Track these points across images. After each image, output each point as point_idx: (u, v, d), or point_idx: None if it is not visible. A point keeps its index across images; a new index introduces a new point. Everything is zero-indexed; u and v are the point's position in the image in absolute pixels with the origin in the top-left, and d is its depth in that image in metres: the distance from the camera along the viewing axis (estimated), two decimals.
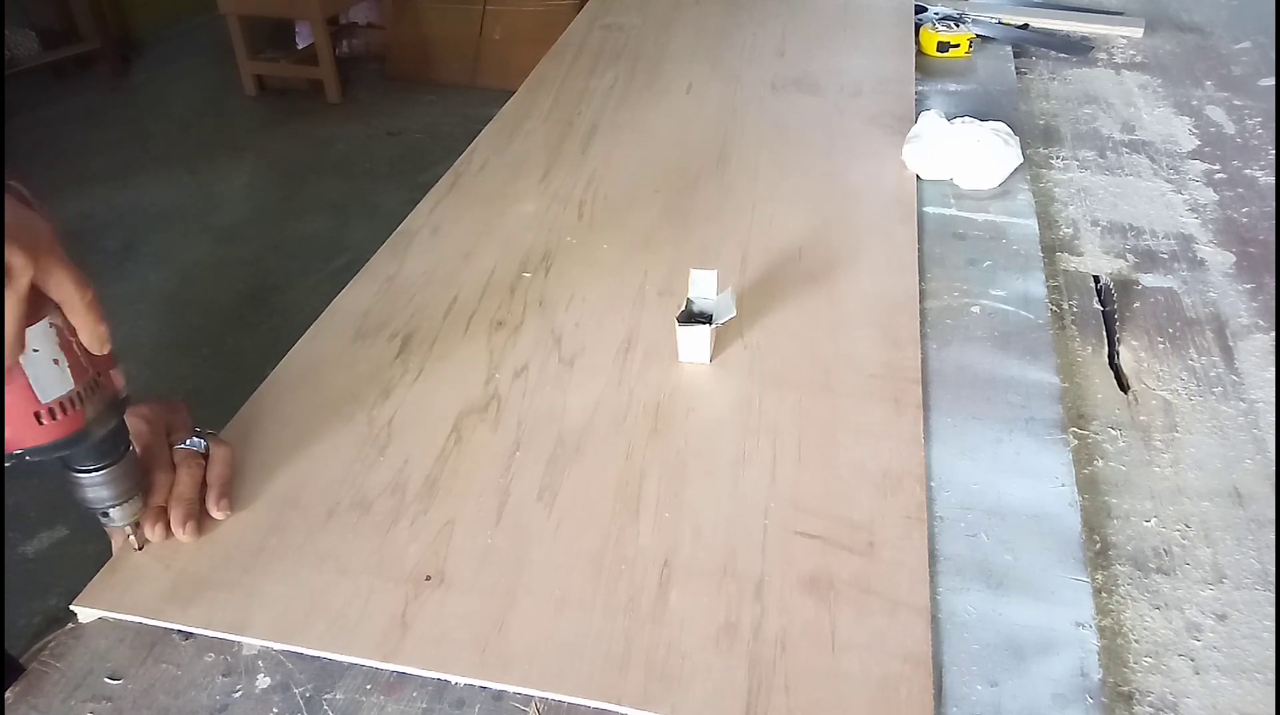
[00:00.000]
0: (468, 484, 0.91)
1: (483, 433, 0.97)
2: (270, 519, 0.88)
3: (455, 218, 1.36)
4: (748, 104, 1.69)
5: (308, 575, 0.82)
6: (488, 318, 1.14)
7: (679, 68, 1.85)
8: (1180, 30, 2.11)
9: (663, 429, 0.97)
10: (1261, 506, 0.93)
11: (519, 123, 1.63)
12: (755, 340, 1.09)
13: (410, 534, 0.86)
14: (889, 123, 1.58)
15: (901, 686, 0.73)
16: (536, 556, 0.84)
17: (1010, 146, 1.40)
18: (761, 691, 0.72)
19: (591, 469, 0.93)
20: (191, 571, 0.83)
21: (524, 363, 1.07)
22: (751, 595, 0.80)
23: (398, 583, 0.81)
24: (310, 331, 1.13)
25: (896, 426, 0.97)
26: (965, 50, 1.88)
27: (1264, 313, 1.20)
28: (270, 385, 1.05)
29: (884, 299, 1.15)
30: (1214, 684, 0.77)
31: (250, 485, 0.92)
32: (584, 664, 0.75)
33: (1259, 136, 1.63)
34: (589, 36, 2.01)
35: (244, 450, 0.95)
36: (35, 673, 0.76)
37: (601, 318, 1.14)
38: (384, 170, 4.45)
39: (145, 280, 3.59)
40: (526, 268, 1.23)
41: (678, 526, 0.86)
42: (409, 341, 1.10)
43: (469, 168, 1.49)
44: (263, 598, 0.81)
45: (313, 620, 0.78)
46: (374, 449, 0.96)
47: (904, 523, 0.86)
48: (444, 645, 0.76)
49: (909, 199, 1.36)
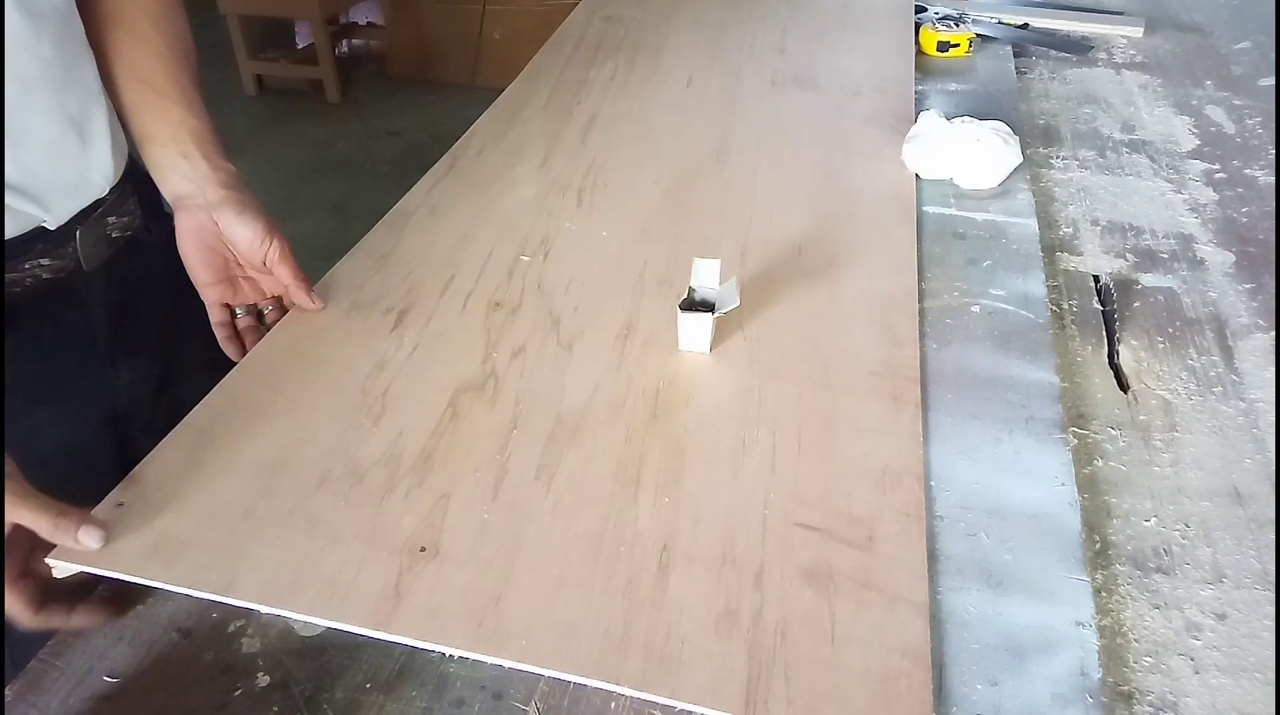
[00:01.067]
0: (464, 459, 0.90)
1: (480, 409, 0.96)
2: (259, 483, 0.87)
3: (453, 199, 1.35)
4: (748, 99, 1.68)
5: (297, 540, 0.81)
6: (485, 298, 1.13)
7: (679, 61, 1.84)
8: (1180, 30, 2.12)
9: (662, 415, 0.96)
10: (1261, 506, 0.93)
11: (517, 110, 1.62)
12: (755, 333, 1.08)
13: (404, 505, 0.85)
14: (889, 122, 1.57)
15: (901, 680, 0.72)
16: (534, 534, 0.83)
17: (1010, 146, 1.40)
18: (762, 679, 0.72)
19: (590, 451, 0.92)
20: (175, 532, 0.82)
21: (522, 343, 1.06)
22: (751, 584, 0.79)
23: (391, 553, 0.80)
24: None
25: (895, 424, 0.96)
26: (965, 50, 1.88)
27: (1264, 312, 1.20)
28: (259, 353, 1.04)
29: (883, 297, 1.15)
30: (1214, 683, 0.77)
31: (238, 449, 0.91)
32: (582, 643, 0.74)
33: (1259, 136, 1.64)
34: (588, 28, 2.01)
35: (232, 413, 0.95)
36: (35, 671, 0.76)
37: (600, 303, 1.13)
38: (384, 170, 4.45)
39: None
40: (525, 251, 1.22)
41: (677, 512, 0.85)
42: (404, 316, 1.09)
43: (466, 151, 1.49)
44: (250, 561, 0.79)
45: (302, 586, 0.77)
46: (368, 419, 0.95)
47: (903, 520, 0.86)
48: (439, 617, 0.75)
49: (908, 199, 1.36)
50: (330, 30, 5.13)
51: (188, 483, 0.87)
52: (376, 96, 5.26)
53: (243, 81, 5.21)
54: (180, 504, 0.84)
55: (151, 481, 0.87)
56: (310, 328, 1.08)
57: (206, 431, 0.93)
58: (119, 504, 0.84)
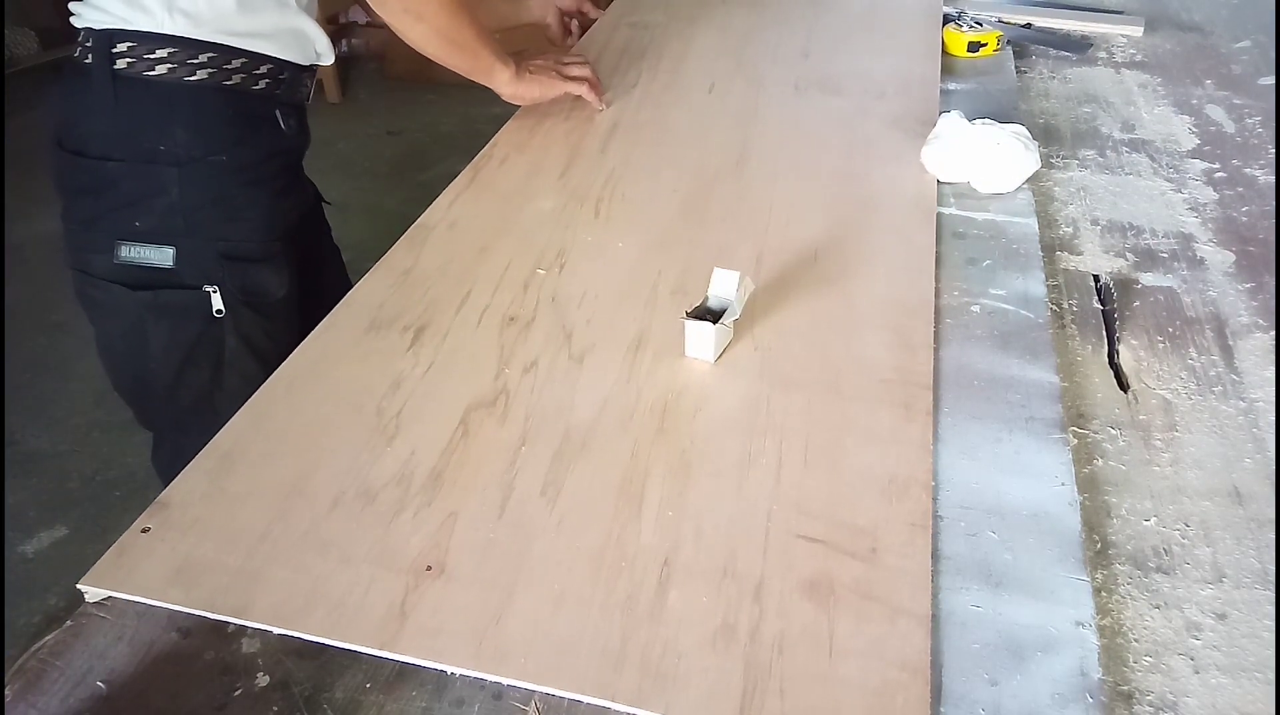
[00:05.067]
0: (472, 477, 0.92)
1: (490, 426, 0.98)
2: (276, 506, 0.89)
3: (473, 213, 1.36)
4: (770, 105, 1.69)
5: (310, 562, 0.83)
6: (500, 312, 1.15)
7: (702, 67, 1.85)
8: (1180, 29, 2.11)
9: (669, 428, 0.98)
10: (1261, 506, 0.93)
11: (540, 119, 1.64)
12: (766, 342, 1.09)
13: (413, 525, 0.87)
14: (911, 125, 1.57)
15: (899, 694, 0.73)
16: (537, 551, 0.84)
17: (1030, 151, 1.39)
18: (756, 694, 0.73)
19: (596, 466, 0.93)
20: (197, 555, 0.84)
21: (534, 358, 1.07)
22: (751, 597, 0.80)
23: (398, 573, 0.82)
24: (325, 321, 1.14)
25: (905, 432, 0.97)
26: (994, 48, 1.89)
27: (1264, 312, 1.20)
28: (282, 374, 1.06)
29: (899, 303, 1.15)
30: (1213, 683, 0.77)
31: (258, 472, 0.93)
32: (580, 660, 0.75)
33: (1259, 135, 1.64)
34: (614, 34, 2.02)
35: (254, 436, 0.97)
36: (34, 671, 0.77)
37: (613, 315, 1.14)
38: (384, 170, 4.46)
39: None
40: (541, 264, 1.24)
41: (679, 526, 0.87)
42: (421, 334, 1.11)
43: (489, 162, 1.50)
44: (265, 583, 0.82)
45: (313, 607, 0.79)
46: (382, 439, 0.97)
47: (908, 530, 0.86)
48: (441, 636, 0.77)
49: (928, 203, 1.36)
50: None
51: (210, 507, 0.89)
52: (376, 96, 5.27)
53: None
54: (203, 528, 0.87)
55: (177, 506, 0.89)
56: (331, 348, 1.10)
57: (229, 455, 0.95)
58: (145, 529, 0.87)
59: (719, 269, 1.09)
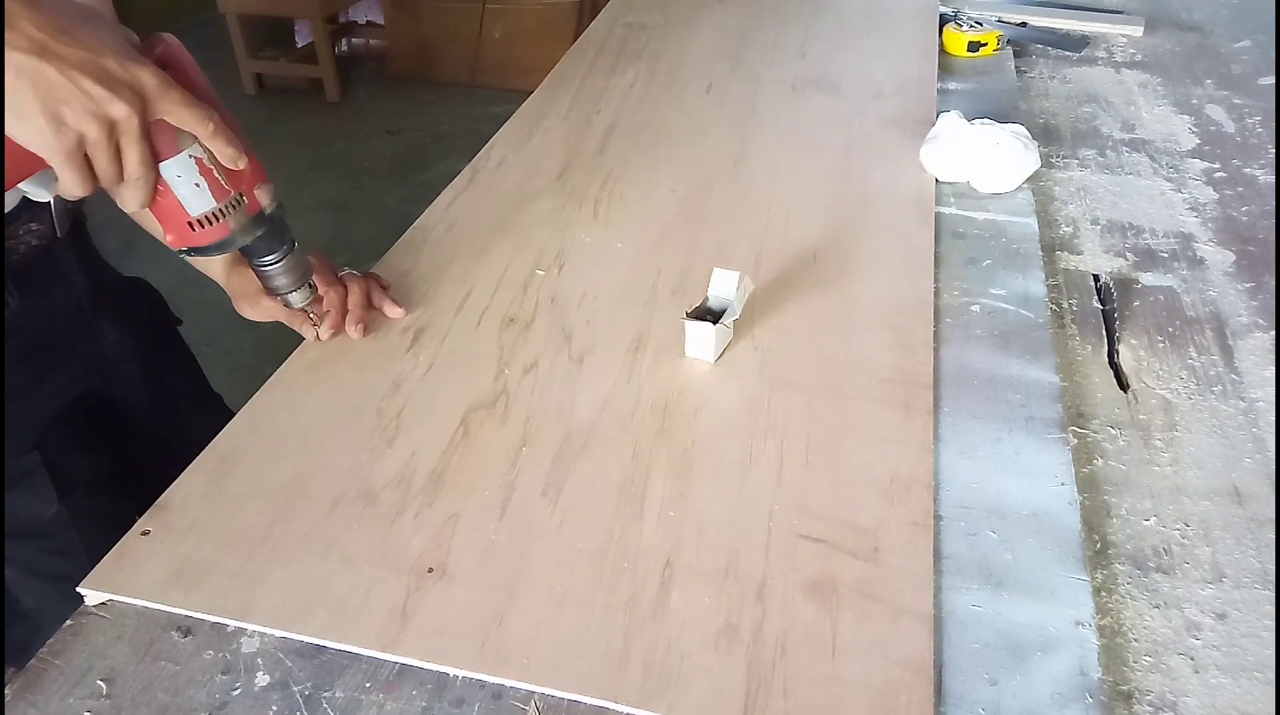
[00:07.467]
0: (473, 478, 0.92)
1: (490, 427, 0.98)
2: (277, 508, 0.89)
3: (472, 214, 1.36)
4: (767, 105, 1.69)
5: (311, 564, 0.84)
6: (499, 313, 1.15)
7: (700, 67, 1.85)
8: (1180, 29, 2.11)
9: (670, 428, 0.98)
10: (1261, 505, 0.93)
11: (538, 120, 1.64)
12: (766, 342, 1.10)
13: (414, 526, 0.87)
14: (909, 125, 1.58)
15: (901, 694, 0.73)
16: (539, 552, 0.84)
17: (1030, 151, 1.40)
18: (760, 694, 0.73)
19: (597, 466, 0.93)
20: (197, 557, 0.84)
21: (534, 359, 1.07)
22: (753, 597, 0.80)
23: (400, 574, 0.82)
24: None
25: (906, 432, 0.97)
26: (994, 48, 1.89)
27: (1264, 312, 1.20)
28: (282, 375, 1.06)
29: (898, 302, 1.15)
30: (1213, 683, 0.77)
31: (259, 474, 0.93)
32: (582, 660, 0.75)
33: (1259, 135, 1.64)
34: (610, 34, 2.02)
35: (254, 438, 0.97)
36: (35, 671, 0.77)
37: (613, 316, 1.14)
38: (384, 169, 4.46)
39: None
40: (540, 265, 1.24)
41: (681, 526, 0.87)
42: (421, 335, 1.12)
43: (487, 164, 1.50)
44: (265, 585, 0.82)
45: (314, 609, 0.79)
46: (382, 441, 0.97)
47: (910, 529, 0.86)
48: (443, 637, 0.77)
49: (927, 202, 1.36)
50: (330, 29, 5.13)
51: (210, 509, 0.89)
52: (376, 95, 5.27)
53: (242, 80, 5.20)
54: (203, 530, 0.87)
55: (176, 508, 0.89)
56: (331, 349, 1.10)
57: (229, 457, 0.95)
58: (145, 532, 0.87)
59: (718, 269, 1.09)
